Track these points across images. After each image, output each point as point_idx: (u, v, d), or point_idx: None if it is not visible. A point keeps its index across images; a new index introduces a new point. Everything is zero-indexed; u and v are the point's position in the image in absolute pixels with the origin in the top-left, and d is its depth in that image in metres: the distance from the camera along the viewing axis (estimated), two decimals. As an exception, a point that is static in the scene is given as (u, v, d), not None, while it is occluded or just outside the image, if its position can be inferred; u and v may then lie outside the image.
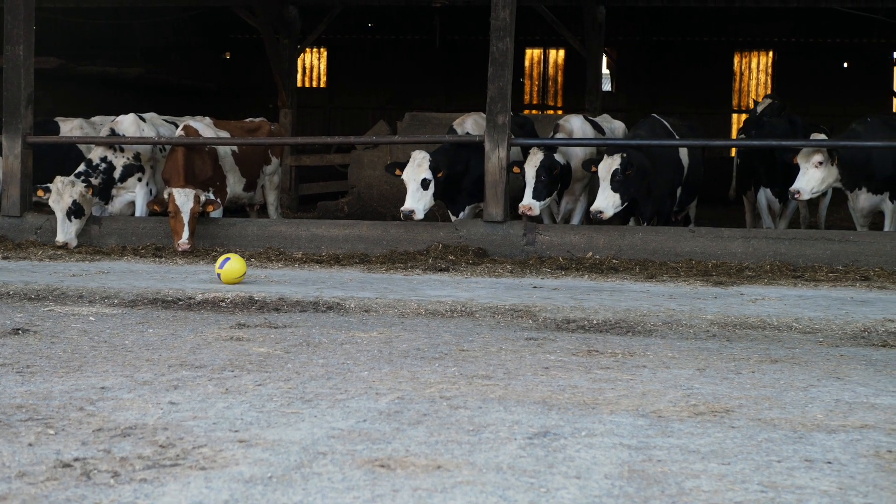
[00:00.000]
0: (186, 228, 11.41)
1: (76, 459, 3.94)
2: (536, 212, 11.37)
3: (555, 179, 11.56)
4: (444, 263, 10.66)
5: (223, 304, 8.27)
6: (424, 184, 11.37)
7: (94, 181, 12.10)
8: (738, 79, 28.52)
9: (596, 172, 11.26)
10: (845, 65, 27.70)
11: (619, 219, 12.07)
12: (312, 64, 30.05)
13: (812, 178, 11.22)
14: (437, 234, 11.60)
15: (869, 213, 12.05)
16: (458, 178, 11.96)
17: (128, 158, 12.49)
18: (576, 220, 12.31)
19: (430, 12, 24.84)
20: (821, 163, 11.21)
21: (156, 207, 11.74)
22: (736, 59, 28.52)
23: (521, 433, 4.43)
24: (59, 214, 11.72)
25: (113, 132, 12.52)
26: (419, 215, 11.30)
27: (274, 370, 5.74)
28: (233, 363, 5.92)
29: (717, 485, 3.75)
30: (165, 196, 11.62)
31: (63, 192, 11.71)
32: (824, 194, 13.18)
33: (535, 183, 11.38)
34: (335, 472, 3.84)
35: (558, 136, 12.18)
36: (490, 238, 11.47)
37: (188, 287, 8.86)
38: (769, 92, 28.25)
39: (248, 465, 3.92)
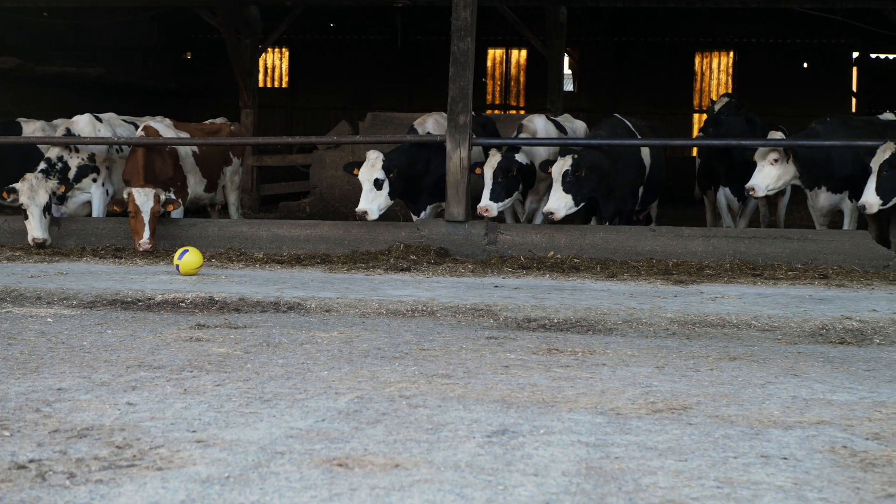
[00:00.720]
0: (147, 228, 11.34)
1: (31, 461, 3.91)
2: (494, 213, 11.38)
3: (514, 180, 11.57)
4: (406, 263, 10.66)
5: (183, 304, 8.23)
6: (377, 183, 11.41)
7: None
8: (699, 79, 28.65)
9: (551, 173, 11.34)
10: (805, 65, 27.90)
11: (581, 218, 12.11)
12: (274, 64, 29.95)
13: (767, 175, 11.31)
14: (399, 233, 11.59)
15: (828, 212, 12.15)
16: (419, 178, 11.98)
17: (82, 159, 12.40)
18: (538, 219, 12.33)
19: (392, 12, 24.79)
20: (776, 160, 11.31)
21: (115, 208, 11.67)
22: (697, 60, 28.65)
23: (480, 431, 4.43)
24: (36, 211, 11.62)
25: (69, 132, 12.42)
26: (373, 215, 11.36)
27: (233, 370, 5.72)
28: (192, 364, 5.89)
29: (673, 481, 3.77)
30: (125, 196, 11.55)
31: (38, 188, 11.63)
32: (783, 193, 13.28)
33: (493, 184, 11.42)
34: (293, 472, 3.83)
35: (522, 135, 12.21)
36: (452, 238, 11.48)
37: (148, 288, 8.81)
38: (730, 92, 28.42)
39: (206, 465, 3.90)
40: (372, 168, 11.45)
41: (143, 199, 11.38)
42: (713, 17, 26.43)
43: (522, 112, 27.91)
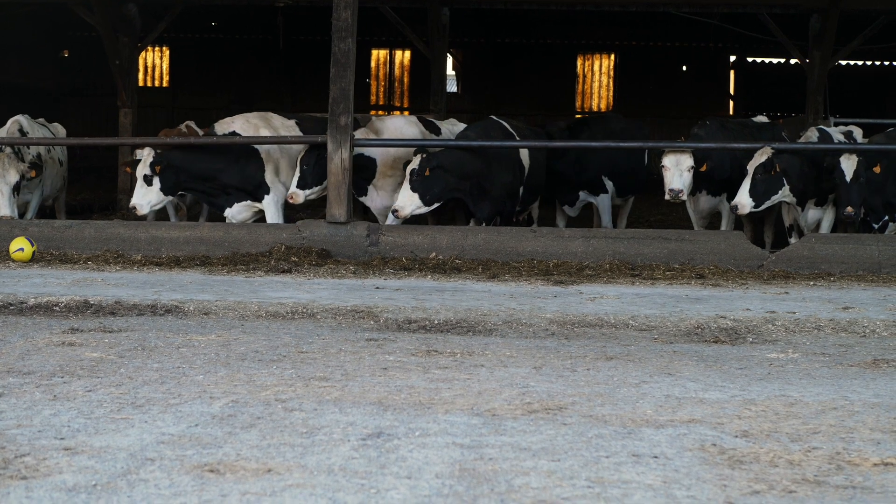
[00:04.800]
0: None
1: None
2: (301, 199, 11.78)
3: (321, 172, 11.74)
4: (287, 265, 10.58)
5: (57, 308, 8.05)
6: (147, 179, 11.58)
7: None
8: (581, 81, 28.98)
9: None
10: (684, 68, 28.41)
11: (463, 219, 12.17)
12: (155, 63, 29.52)
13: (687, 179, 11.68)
14: (280, 235, 11.51)
15: (708, 215, 12.39)
16: (211, 176, 12.06)
17: (32, 156, 12.76)
18: (390, 219, 12.20)
19: (274, 12, 24.63)
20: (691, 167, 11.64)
21: None
22: (579, 62, 28.98)
23: (355, 434, 4.41)
24: (6, 189, 11.51)
25: (22, 131, 12.86)
26: (142, 210, 11.57)
27: (106, 375, 5.61)
28: (63, 369, 5.76)
29: (545, 481, 3.79)
30: None
31: (9, 167, 11.50)
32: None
33: (300, 172, 11.82)
34: (162, 479, 3.76)
35: (368, 134, 12.35)
36: (333, 239, 11.43)
37: (20, 291, 8.60)
38: (611, 94, 28.81)
39: (73, 473, 3.82)
40: (143, 165, 11.64)
41: None
42: (595, 19, 26.77)
43: (407, 113, 27.92)
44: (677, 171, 11.56)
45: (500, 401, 5.12)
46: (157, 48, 28.85)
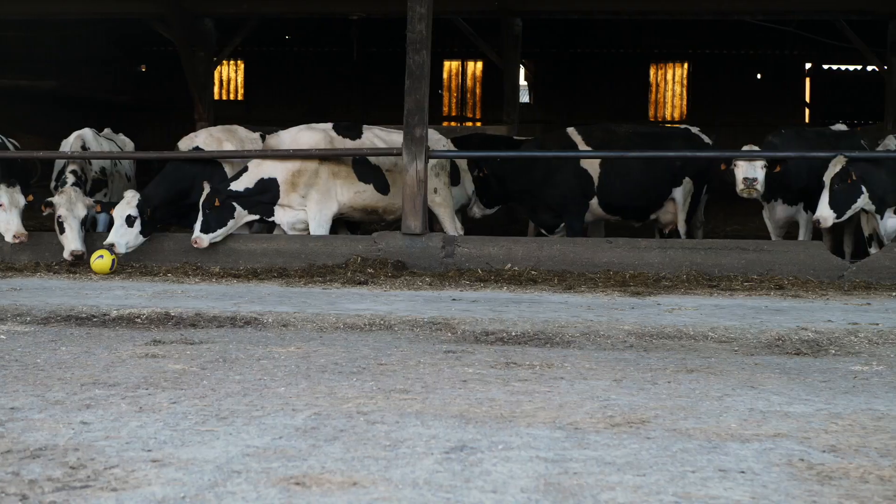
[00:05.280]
0: None
1: (-17, 483, 3.85)
2: (205, 244, 11.62)
3: (225, 209, 11.77)
4: (363, 277, 10.63)
5: (138, 320, 8.15)
6: (129, 220, 11.60)
7: None
8: (653, 90, 28.82)
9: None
10: (759, 76, 28.14)
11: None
12: (230, 76, 29.84)
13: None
14: (356, 247, 11.57)
15: (785, 224, 12.25)
16: (185, 195, 12.16)
17: (95, 172, 13.19)
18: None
19: (348, 24, 24.78)
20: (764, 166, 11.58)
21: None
22: (652, 71, 28.83)
23: (438, 448, 4.41)
24: (75, 223, 11.63)
25: (84, 146, 12.98)
26: (119, 250, 11.47)
27: (189, 387, 5.66)
28: (147, 381, 5.83)
29: (632, 496, 3.76)
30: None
31: (76, 202, 11.68)
32: None
33: (203, 217, 11.76)
34: (249, 491, 3.79)
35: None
36: (409, 250, 11.46)
37: (103, 303, 8.73)
38: (684, 103, 28.60)
39: (161, 485, 3.85)
40: (127, 205, 11.66)
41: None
42: (667, 28, 26.61)
43: (479, 124, 27.94)
44: (750, 165, 11.51)
45: (581, 414, 5.09)
46: (232, 62, 29.17)
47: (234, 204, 11.70)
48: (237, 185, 11.76)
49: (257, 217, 11.95)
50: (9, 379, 5.85)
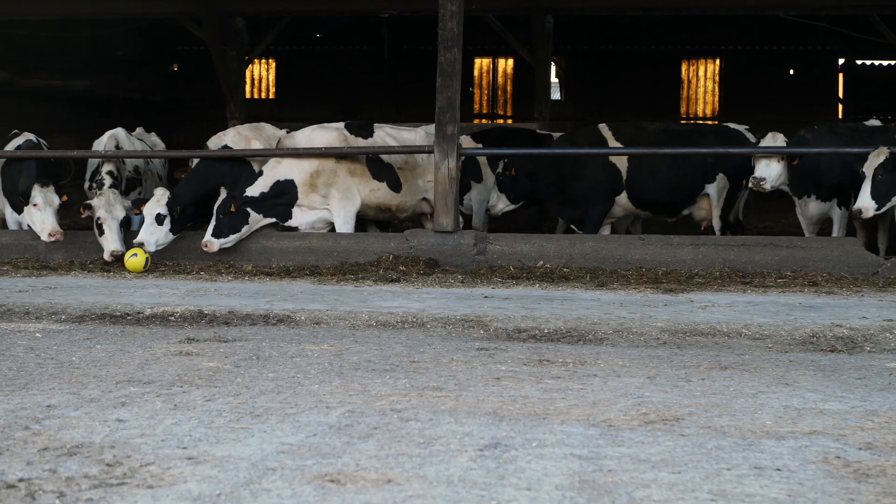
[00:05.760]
0: None
1: (21, 480, 3.88)
2: (215, 248, 11.62)
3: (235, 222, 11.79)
4: (395, 274, 10.64)
5: (172, 318, 8.20)
6: (158, 218, 11.59)
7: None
8: (685, 86, 28.69)
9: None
10: (791, 72, 27.96)
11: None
12: (261, 75, 29.92)
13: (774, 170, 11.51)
14: (388, 244, 11.58)
15: (818, 221, 12.15)
16: (215, 193, 12.14)
17: (129, 171, 13.36)
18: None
19: (379, 23, 24.82)
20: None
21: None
22: (683, 67, 28.69)
23: (472, 445, 4.41)
24: (114, 224, 11.68)
25: (118, 145, 13.11)
26: (149, 248, 11.44)
27: (223, 385, 5.69)
28: (181, 378, 5.86)
29: (667, 494, 3.75)
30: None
31: (115, 203, 11.74)
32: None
33: (216, 221, 11.77)
34: (284, 488, 3.80)
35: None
36: (441, 248, 11.46)
37: (137, 301, 8.77)
38: (716, 99, 28.48)
39: (197, 482, 3.87)
40: (156, 203, 11.65)
41: None
42: (699, 24, 26.48)
43: (510, 121, 27.92)
44: (766, 159, 11.50)
45: (615, 411, 5.08)
46: (263, 60, 29.24)
47: (249, 210, 11.70)
48: (252, 191, 11.78)
49: (273, 220, 11.93)
50: (45, 377, 5.90)
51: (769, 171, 11.50)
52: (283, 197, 11.92)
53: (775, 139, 11.68)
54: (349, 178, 11.96)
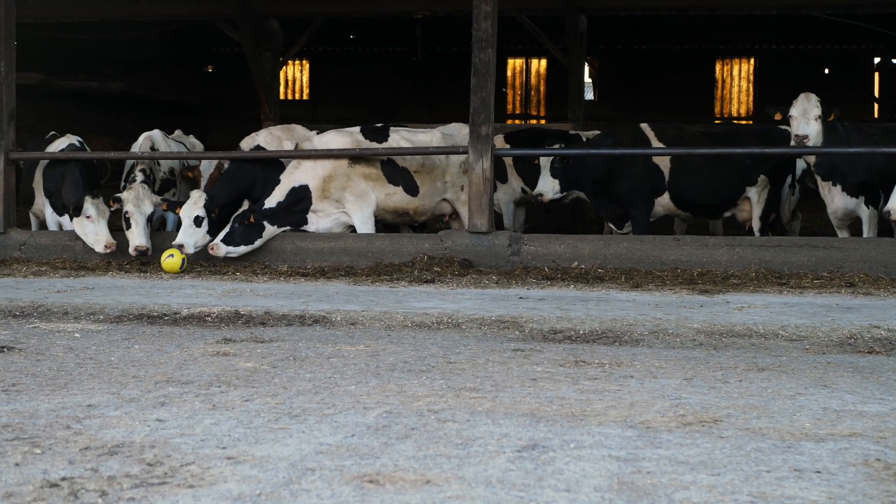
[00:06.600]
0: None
1: (63, 479, 3.91)
2: (220, 254, 11.65)
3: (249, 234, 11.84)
4: (430, 275, 10.66)
5: (209, 318, 8.24)
6: (197, 221, 11.66)
7: None
8: (720, 86, 28.60)
9: None
10: (826, 70, 27.81)
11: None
12: (295, 76, 30.04)
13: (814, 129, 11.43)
14: (423, 245, 11.59)
15: (844, 216, 11.99)
16: (248, 194, 12.26)
17: (164, 173, 13.51)
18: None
19: (412, 23, 24.86)
20: (819, 116, 11.41)
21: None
22: (718, 67, 28.62)
23: (510, 446, 4.42)
24: (141, 219, 11.79)
25: (154, 146, 13.25)
26: (188, 250, 11.51)
27: (261, 385, 5.72)
28: (219, 378, 5.89)
29: (706, 496, 3.75)
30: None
31: (143, 198, 11.83)
32: None
33: (230, 228, 11.84)
34: (324, 489, 3.82)
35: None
36: (475, 249, 11.47)
37: (173, 302, 8.83)
38: (751, 99, 28.34)
39: (237, 482, 3.90)
40: (194, 206, 11.71)
41: None
42: (733, 24, 26.39)
43: (543, 122, 27.89)
44: (804, 119, 11.41)
45: (652, 413, 5.07)
46: (297, 61, 29.35)
47: (265, 223, 11.74)
48: (270, 202, 11.83)
49: (288, 228, 11.96)
50: (84, 376, 5.95)
51: (809, 129, 11.39)
52: (299, 204, 11.99)
53: (808, 99, 11.57)
54: (363, 181, 12.00)
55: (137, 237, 11.70)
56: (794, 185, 13.37)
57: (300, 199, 11.96)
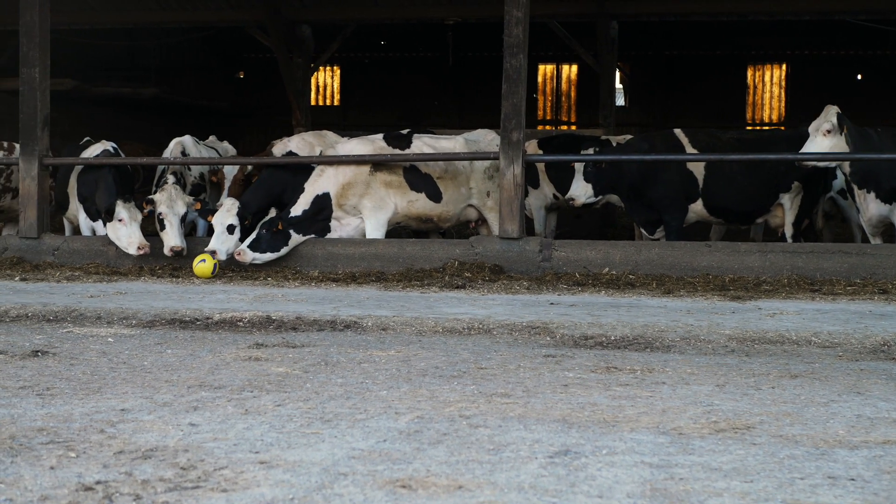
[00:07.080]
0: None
1: (98, 482, 3.94)
2: (246, 261, 11.65)
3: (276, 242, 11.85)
4: (461, 281, 10.66)
5: (240, 323, 8.28)
6: (230, 228, 11.71)
7: None
8: (751, 92, 28.48)
9: None
10: (859, 77, 27.65)
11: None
12: (326, 82, 30.12)
13: (820, 146, 11.45)
14: (453, 251, 11.60)
15: (878, 224, 11.95)
16: (279, 200, 12.27)
17: (195, 177, 13.54)
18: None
19: (443, 29, 24.90)
20: (829, 131, 11.38)
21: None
22: (749, 72, 28.50)
23: (542, 452, 4.41)
24: (175, 220, 11.88)
25: (184, 152, 13.33)
26: (221, 256, 11.54)
27: (293, 390, 5.73)
28: (252, 383, 5.92)
29: (739, 503, 3.73)
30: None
31: (176, 199, 11.94)
32: None
33: (257, 234, 11.83)
34: (356, 494, 3.83)
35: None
36: (506, 254, 11.47)
37: (205, 307, 8.87)
38: (783, 105, 28.20)
39: (270, 486, 3.91)
40: (227, 214, 11.74)
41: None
42: (765, 29, 26.28)
43: (574, 128, 27.85)
44: (814, 134, 11.45)
45: (685, 419, 5.06)
46: (328, 67, 29.43)
47: (291, 232, 11.78)
48: (296, 210, 11.90)
49: (312, 237, 12.00)
50: (118, 381, 5.98)
51: (814, 147, 11.43)
52: (322, 212, 12.06)
53: (823, 114, 11.59)
54: (383, 188, 12.04)
55: (172, 237, 11.78)
56: (824, 194, 13.33)
57: (323, 207, 12.02)
